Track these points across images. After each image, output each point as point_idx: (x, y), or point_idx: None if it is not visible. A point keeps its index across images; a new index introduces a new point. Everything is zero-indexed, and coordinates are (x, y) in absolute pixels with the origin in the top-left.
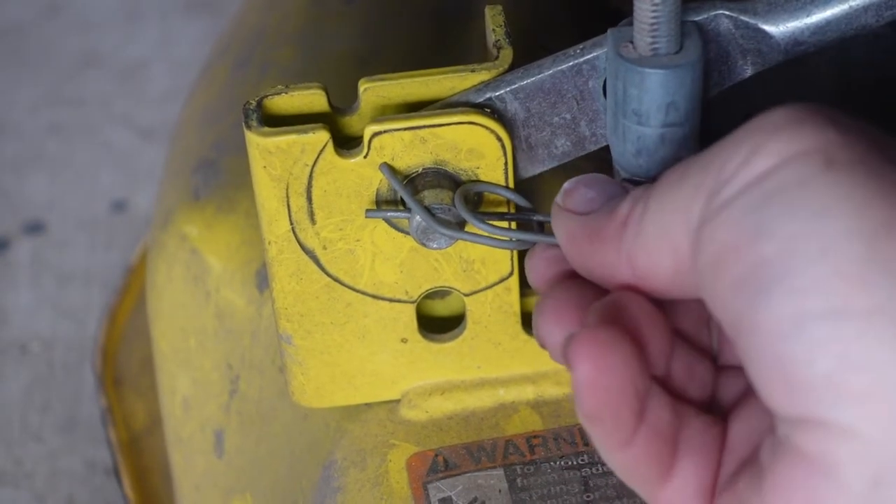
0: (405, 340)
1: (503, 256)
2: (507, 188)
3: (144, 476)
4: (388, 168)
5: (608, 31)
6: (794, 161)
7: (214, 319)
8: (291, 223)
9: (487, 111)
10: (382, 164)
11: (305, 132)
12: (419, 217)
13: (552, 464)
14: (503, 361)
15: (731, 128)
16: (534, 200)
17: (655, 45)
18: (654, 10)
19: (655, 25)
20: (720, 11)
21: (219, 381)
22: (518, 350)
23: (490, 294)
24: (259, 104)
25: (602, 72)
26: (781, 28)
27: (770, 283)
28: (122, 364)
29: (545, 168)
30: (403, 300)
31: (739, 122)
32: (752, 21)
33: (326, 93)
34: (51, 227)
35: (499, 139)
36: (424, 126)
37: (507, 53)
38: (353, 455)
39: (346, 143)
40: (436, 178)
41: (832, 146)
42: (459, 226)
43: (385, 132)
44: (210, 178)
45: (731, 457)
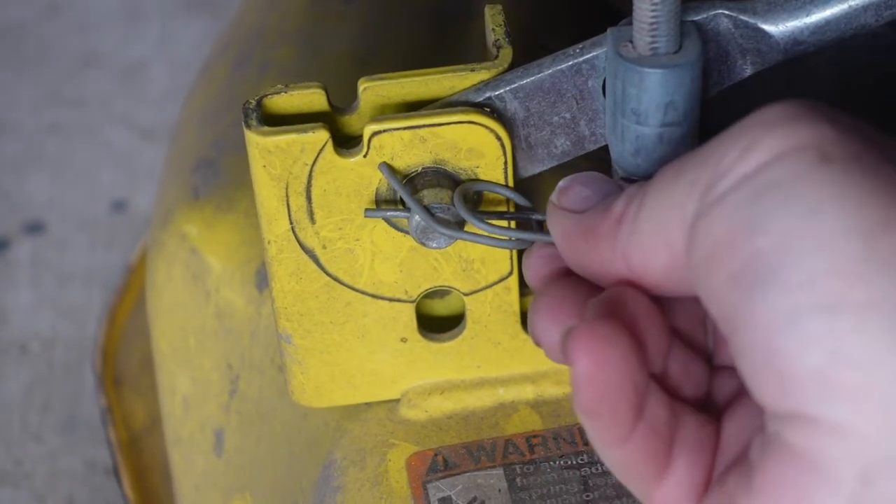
0: (405, 340)
1: (503, 256)
2: (507, 187)
3: (144, 476)
4: (388, 167)
5: (608, 31)
6: (789, 156)
7: (214, 319)
8: (291, 222)
9: (487, 110)
10: (382, 164)
11: (305, 131)
12: (418, 216)
13: (552, 463)
14: (503, 361)
15: None
16: (533, 199)
17: (655, 45)
18: (654, 10)
19: (655, 25)
20: (720, 11)
21: (218, 381)
22: (518, 349)
23: (490, 293)
24: (259, 103)
25: (601, 71)
26: (781, 27)
27: (765, 277)
28: (122, 364)
29: (545, 167)
30: (403, 300)
31: None
32: (752, 20)
33: (326, 92)
34: (51, 227)
35: (498, 138)
36: (424, 125)
37: (507, 53)
38: (353, 454)
39: (346, 143)
40: (435, 178)
41: (827, 142)
42: (459, 225)
43: (384, 131)
44: (210, 178)
45: (724, 456)
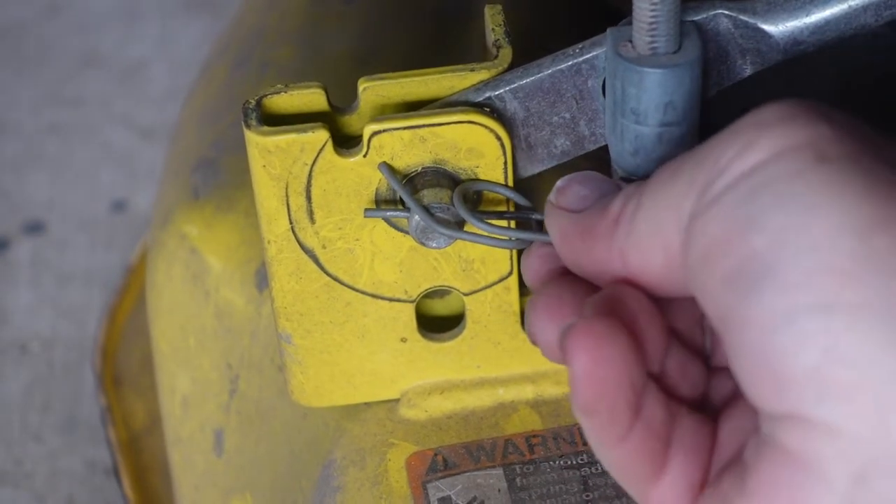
0: (404, 340)
1: (502, 256)
2: (506, 186)
3: (144, 476)
4: (387, 167)
5: (607, 31)
6: (786, 155)
7: (214, 319)
8: (291, 222)
9: (487, 110)
10: (381, 164)
11: (305, 131)
12: (418, 216)
13: (551, 463)
14: (502, 361)
15: None
16: (533, 199)
17: (654, 45)
18: (653, 10)
19: (654, 25)
20: (719, 11)
21: (218, 381)
22: (517, 349)
23: (489, 293)
24: (258, 103)
25: (601, 71)
26: (781, 27)
27: (760, 276)
28: (122, 363)
29: (544, 167)
30: (403, 299)
31: None
32: (752, 20)
33: (326, 92)
34: (51, 227)
35: (498, 138)
36: (424, 125)
37: (507, 53)
38: (353, 454)
39: (346, 143)
40: (435, 178)
41: (824, 141)
42: (459, 225)
43: (384, 131)
44: (209, 178)
45: (720, 457)
